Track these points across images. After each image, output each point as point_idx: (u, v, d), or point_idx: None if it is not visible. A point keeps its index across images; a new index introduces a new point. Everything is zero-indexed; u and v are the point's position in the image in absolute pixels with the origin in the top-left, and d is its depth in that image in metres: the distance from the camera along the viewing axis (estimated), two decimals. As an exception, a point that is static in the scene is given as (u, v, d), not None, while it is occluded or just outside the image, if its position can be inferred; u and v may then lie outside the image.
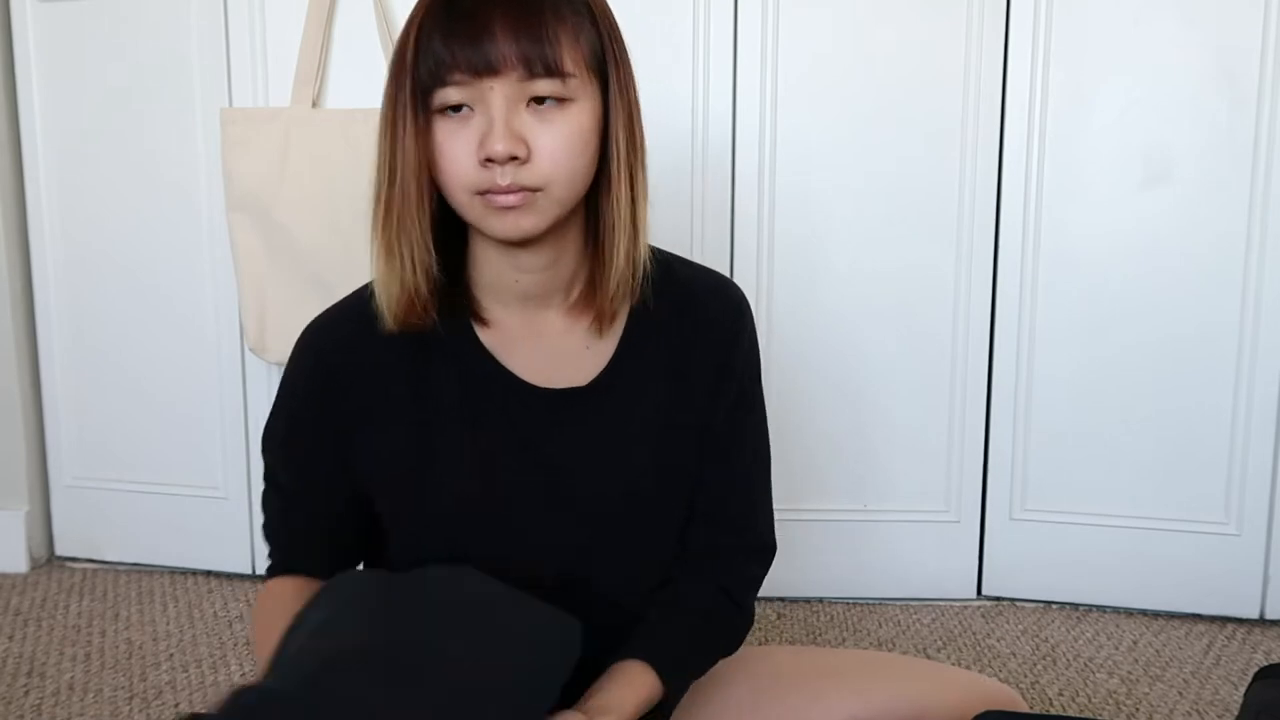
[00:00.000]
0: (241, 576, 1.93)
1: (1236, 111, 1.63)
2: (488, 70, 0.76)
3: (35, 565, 1.99)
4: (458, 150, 0.78)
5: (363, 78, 1.74)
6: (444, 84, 0.77)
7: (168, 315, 1.89)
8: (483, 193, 0.78)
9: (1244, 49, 1.61)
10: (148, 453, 1.94)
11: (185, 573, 1.96)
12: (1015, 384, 1.75)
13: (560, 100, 0.78)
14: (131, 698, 1.49)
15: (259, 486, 0.97)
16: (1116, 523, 1.75)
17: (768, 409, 0.98)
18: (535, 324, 0.89)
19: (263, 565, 1.91)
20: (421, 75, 0.77)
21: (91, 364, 1.94)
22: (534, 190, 0.78)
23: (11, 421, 1.95)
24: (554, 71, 0.77)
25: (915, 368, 1.76)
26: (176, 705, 1.46)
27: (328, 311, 0.92)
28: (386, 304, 0.84)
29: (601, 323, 0.88)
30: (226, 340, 1.86)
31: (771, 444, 0.98)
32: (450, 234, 0.85)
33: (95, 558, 2.00)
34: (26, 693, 1.50)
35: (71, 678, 1.55)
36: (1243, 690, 1.49)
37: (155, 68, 1.81)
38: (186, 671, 1.57)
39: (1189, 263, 1.67)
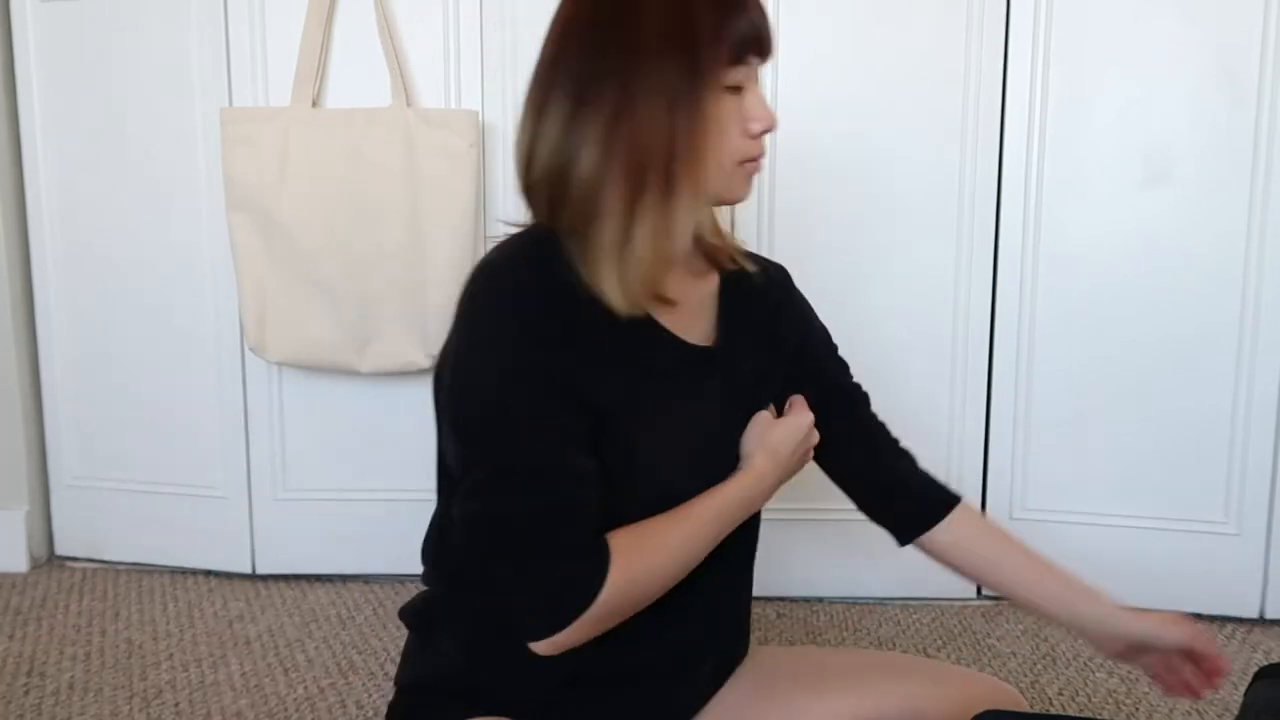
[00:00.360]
0: (242, 576, 1.93)
1: (1236, 111, 1.63)
2: (769, 51, 0.85)
3: (35, 565, 1.99)
4: (733, 125, 0.84)
5: (363, 78, 1.74)
6: (740, 63, 0.83)
7: (168, 315, 1.89)
8: (746, 161, 0.86)
9: (1244, 48, 1.61)
10: (148, 453, 1.94)
11: (185, 573, 1.96)
12: (1015, 383, 1.75)
13: None
14: (131, 697, 1.49)
15: (259, 486, 0.96)
16: (1116, 523, 1.75)
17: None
18: (674, 284, 0.90)
19: (263, 565, 1.93)
20: (722, 53, 0.82)
21: (91, 364, 1.94)
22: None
23: (11, 421, 1.95)
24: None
25: (915, 367, 1.76)
26: (176, 705, 1.46)
27: (516, 258, 0.85)
28: (639, 280, 0.82)
29: (719, 262, 0.96)
30: (226, 340, 1.86)
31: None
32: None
33: (95, 557, 2.00)
34: (26, 692, 1.50)
35: (71, 677, 1.55)
36: (1243, 690, 1.49)
37: (155, 67, 1.81)
38: (186, 671, 1.57)
39: (1189, 262, 1.67)
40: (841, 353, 1.06)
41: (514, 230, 0.88)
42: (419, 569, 0.95)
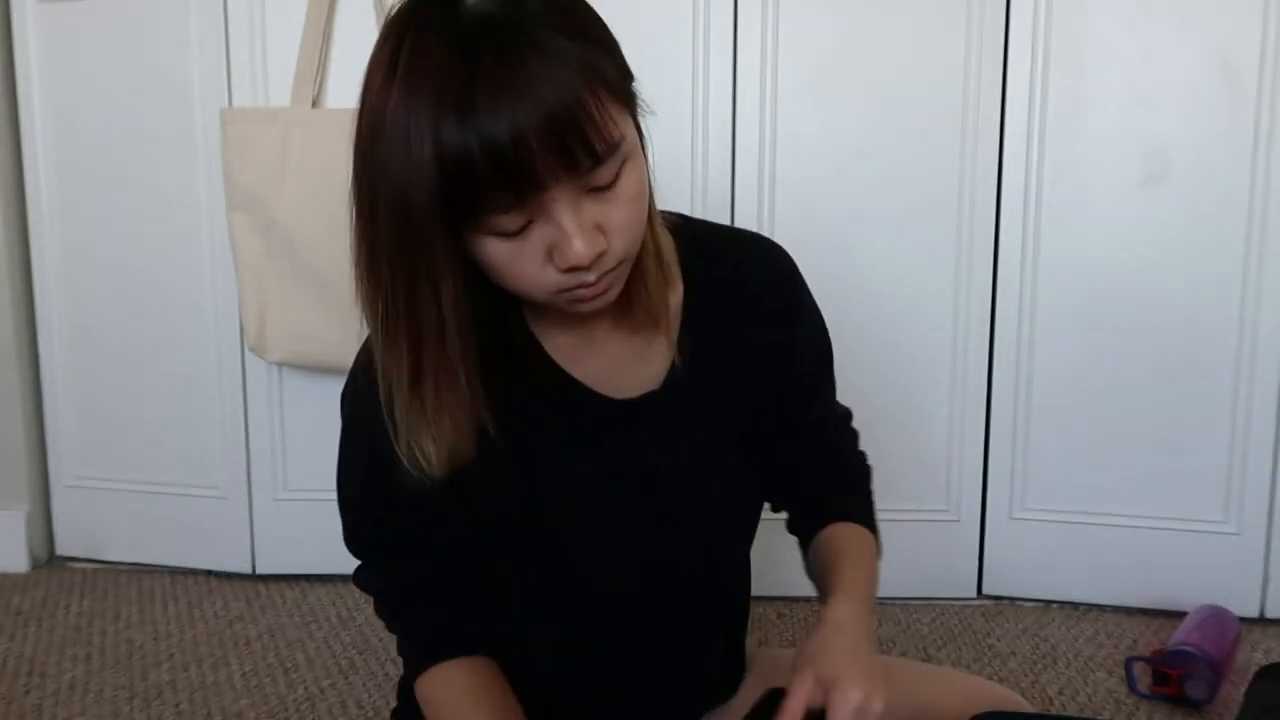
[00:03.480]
0: (242, 576, 1.93)
1: (1236, 111, 1.63)
2: (539, 191, 0.64)
3: (35, 565, 1.99)
4: (525, 267, 0.68)
5: (362, 78, 1.74)
6: (488, 216, 0.65)
7: (168, 315, 1.89)
8: (566, 290, 0.70)
9: (1244, 48, 1.61)
10: (148, 453, 1.94)
11: (185, 573, 1.96)
12: (1015, 383, 1.75)
13: (619, 169, 0.68)
14: (131, 698, 1.49)
15: (259, 486, 0.95)
16: (1116, 522, 1.75)
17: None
18: (592, 338, 0.82)
19: (263, 565, 1.93)
20: (452, 212, 0.64)
21: (91, 364, 1.94)
22: (616, 268, 0.71)
23: (11, 421, 1.95)
24: (609, 152, 0.66)
25: (916, 367, 1.76)
26: (177, 705, 1.46)
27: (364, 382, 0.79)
28: (428, 460, 0.74)
29: (656, 325, 0.81)
30: (226, 340, 1.86)
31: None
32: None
33: (95, 558, 2.00)
34: (27, 692, 1.50)
35: (71, 677, 1.55)
36: (1243, 690, 1.49)
37: (155, 68, 1.81)
38: (186, 671, 1.57)
39: (1189, 262, 1.67)
40: (841, 353, 0.96)
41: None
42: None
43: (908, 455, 1.77)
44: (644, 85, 0.82)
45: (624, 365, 0.82)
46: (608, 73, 0.67)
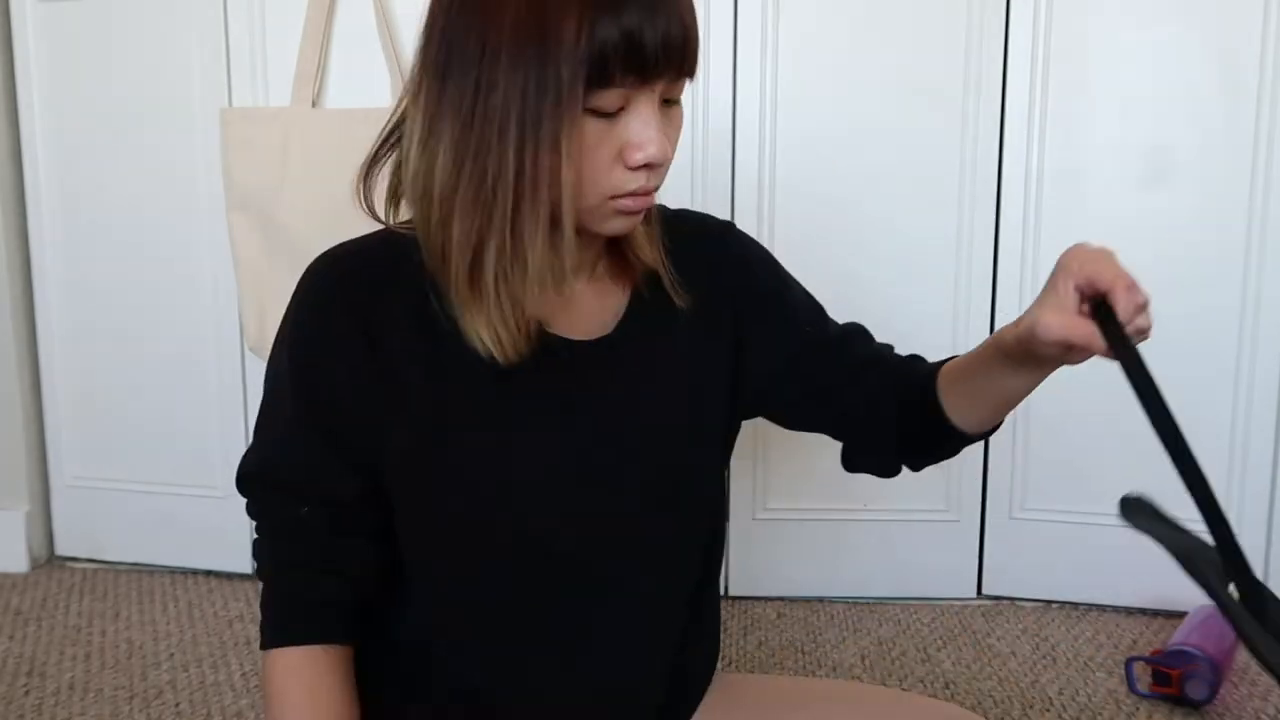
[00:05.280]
0: (241, 576, 1.93)
1: (1236, 109, 1.63)
2: (655, 74, 0.70)
3: (35, 565, 1.99)
4: (602, 153, 0.71)
5: (363, 78, 1.74)
6: (609, 85, 0.69)
7: (168, 315, 1.89)
8: (618, 196, 0.72)
9: (1244, 48, 1.61)
10: (148, 453, 1.94)
11: (185, 573, 1.96)
12: (1015, 384, 1.74)
13: (680, 94, 0.74)
14: (132, 698, 1.49)
15: None
16: (1116, 522, 1.74)
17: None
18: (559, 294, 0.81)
19: (263, 565, 1.93)
20: (579, 71, 0.67)
21: (91, 364, 1.94)
22: (655, 190, 0.74)
23: (11, 421, 1.95)
24: (692, 74, 0.73)
25: (915, 367, 1.76)
26: (177, 705, 1.46)
27: (351, 251, 0.82)
28: (504, 340, 0.73)
29: (632, 281, 0.83)
30: (226, 340, 1.86)
31: (771, 444, 0.97)
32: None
33: (95, 558, 2.01)
34: (26, 692, 1.50)
35: (71, 677, 1.55)
36: (1243, 689, 1.49)
37: (155, 67, 1.81)
38: (186, 671, 1.57)
39: (1189, 261, 1.67)
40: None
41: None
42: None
43: (908, 455, 1.77)
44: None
45: (583, 317, 0.81)
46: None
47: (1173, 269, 1.67)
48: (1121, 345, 0.72)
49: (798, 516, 1.77)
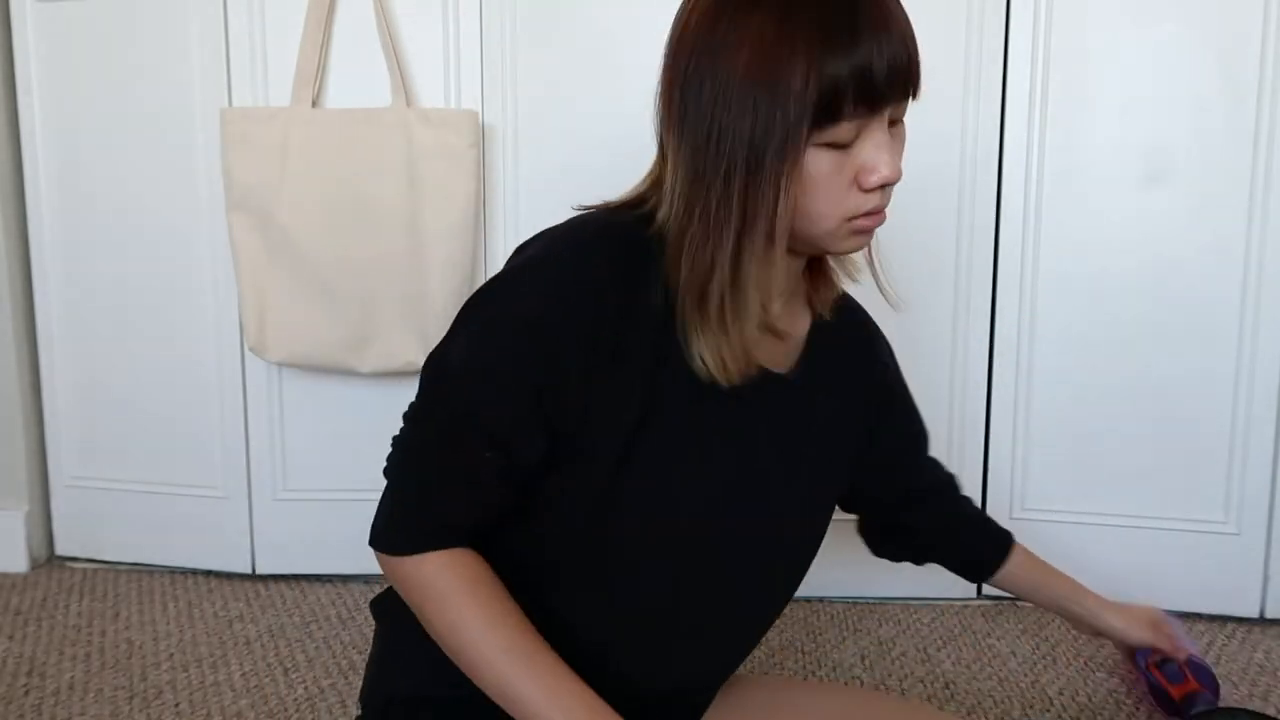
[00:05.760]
0: (242, 576, 1.93)
1: (1236, 109, 1.63)
2: (884, 103, 0.74)
3: (35, 565, 1.99)
4: (838, 181, 0.75)
5: (363, 78, 1.74)
6: (840, 120, 0.73)
7: (167, 315, 1.89)
8: (855, 217, 0.78)
9: (1244, 48, 1.61)
10: (148, 453, 1.94)
11: (185, 573, 1.96)
12: (1015, 384, 1.75)
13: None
14: (131, 698, 1.49)
15: (259, 486, 0.94)
16: (1116, 522, 1.75)
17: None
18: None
19: (263, 565, 1.93)
20: (808, 109, 0.71)
21: (91, 364, 1.94)
22: (886, 205, 0.79)
23: (11, 421, 1.95)
24: (918, 94, 0.78)
25: (915, 368, 1.75)
26: (177, 705, 1.46)
27: (610, 227, 0.80)
28: (727, 361, 0.78)
29: (813, 310, 0.93)
30: (226, 340, 1.86)
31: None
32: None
33: (95, 558, 2.01)
34: (26, 693, 1.50)
35: (71, 678, 1.55)
36: (1243, 689, 1.49)
37: (155, 67, 1.81)
38: (186, 671, 1.57)
39: (1189, 262, 1.67)
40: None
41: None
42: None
43: (908, 455, 1.77)
44: (650, 92, 0.83)
45: (776, 343, 0.88)
46: None
47: (1172, 269, 1.68)
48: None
49: (798, 516, 1.78)
